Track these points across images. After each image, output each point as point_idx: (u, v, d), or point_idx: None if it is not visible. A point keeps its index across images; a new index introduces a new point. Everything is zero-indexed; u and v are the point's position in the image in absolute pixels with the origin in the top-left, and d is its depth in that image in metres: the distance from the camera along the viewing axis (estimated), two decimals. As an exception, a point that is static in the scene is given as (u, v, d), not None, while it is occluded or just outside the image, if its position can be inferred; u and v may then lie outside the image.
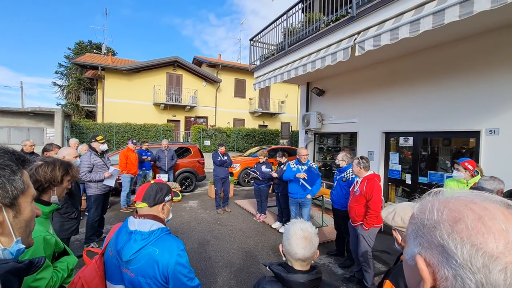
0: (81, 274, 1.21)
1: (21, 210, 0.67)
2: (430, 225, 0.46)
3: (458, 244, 0.42)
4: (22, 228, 0.68)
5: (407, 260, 0.52)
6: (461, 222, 0.43)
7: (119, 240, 1.24)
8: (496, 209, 0.43)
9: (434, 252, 0.45)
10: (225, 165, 6.31)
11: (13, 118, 10.92)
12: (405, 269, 0.55)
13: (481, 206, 0.44)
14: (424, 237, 0.47)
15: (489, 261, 0.39)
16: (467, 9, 2.78)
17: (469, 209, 0.44)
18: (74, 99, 21.42)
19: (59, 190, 1.55)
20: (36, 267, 0.67)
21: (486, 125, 3.90)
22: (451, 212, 0.45)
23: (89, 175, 4.14)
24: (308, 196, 4.44)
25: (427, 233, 0.47)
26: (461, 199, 0.47)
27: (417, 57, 4.82)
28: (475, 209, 0.44)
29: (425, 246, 0.47)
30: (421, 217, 0.49)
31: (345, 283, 3.42)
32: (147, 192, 1.31)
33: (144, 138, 14.28)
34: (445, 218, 0.45)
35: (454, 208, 0.46)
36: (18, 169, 0.67)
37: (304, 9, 5.96)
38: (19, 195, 0.66)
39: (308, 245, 1.18)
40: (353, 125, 6.21)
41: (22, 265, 0.62)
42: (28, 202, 0.69)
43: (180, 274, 1.16)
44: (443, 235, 0.44)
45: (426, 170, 4.88)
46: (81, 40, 24.63)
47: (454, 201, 0.47)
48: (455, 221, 0.44)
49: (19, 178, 0.66)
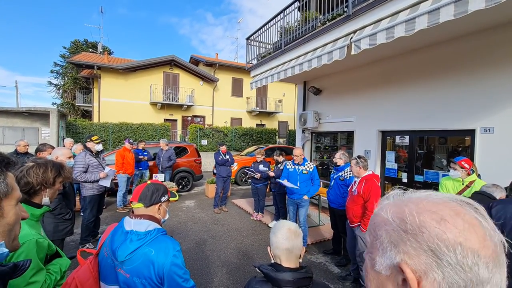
0: (75, 274, 1.20)
1: (4, 214, 0.66)
2: (414, 230, 0.44)
3: (450, 245, 0.41)
4: (5, 232, 0.67)
5: (379, 270, 0.48)
6: (444, 221, 0.43)
7: (114, 240, 1.23)
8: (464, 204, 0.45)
9: (422, 258, 0.43)
10: (227, 164, 6.31)
11: (8, 118, 10.80)
12: (372, 279, 0.50)
13: (453, 204, 0.45)
14: (408, 243, 0.44)
15: (477, 259, 0.40)
16: (461, 8, 2.80)
17: (445, 207, 0.44)
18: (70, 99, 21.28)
19: (51, 192, 1.52)
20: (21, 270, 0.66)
21: (481, 123, 3.93)
22: (431, 213, 0.44)
23: (84, 175, 4.10)
24: (305, 197, 4.34)
25: (411, 239, 0.44)
26: (430, 199, 0.47)
27: (412, 56, 4.84)
28: (450, 206, 0.44)
29: (411, 253, 0.44)
30: (399, 223, 0.46)
31: (341, 282, 3.43)
32: (143, 192, 1.31)
33: (141, 137, 14.19)
34: (428, 220, 0.44)
35: (431, 209, 0.45)
36: (1, 172, 0.66)
37: (300, 8, 5.95)
38: (2, 199, 0.65)
39: (292, 235, 1.23)
40: (350, 124, 6.22)
41: (6, 268, 0.62)
42: (11, 206, 0.68)
43: (176, 275, 1.16)
44: (431, 238, 0.42)
45: (422, 169, 4.91)
46: (76, 39, 24.44)
47: (426, 202, 0.46)
48: (438, 222, 0.43)
49: (1, 181, 0.65)
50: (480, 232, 0.42)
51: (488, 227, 0.43)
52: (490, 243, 0.41)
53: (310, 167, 4.44)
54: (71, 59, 16.92)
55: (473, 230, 0.42)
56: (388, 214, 0.48)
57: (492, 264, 0.40)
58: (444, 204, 0.45)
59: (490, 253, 0.41)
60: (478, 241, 0.41)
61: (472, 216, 0.43)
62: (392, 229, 0.47)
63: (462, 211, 0.44)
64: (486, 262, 0.40)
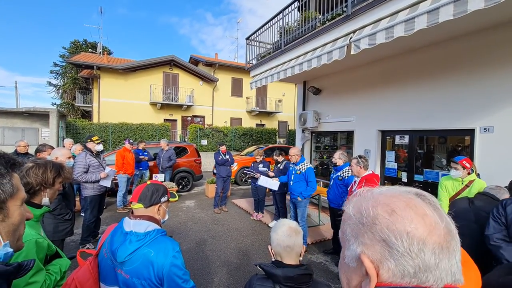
0: (75, 275, 1.20)
1: (10, 214, 0.66)
2: (369, 222, 0.48)
3: (397, 235, 0.45)
4: (10, 232, 0.67)
5: (348, 263, 0.52)
6: (394, 213, 0.46)
7: (114, 241, 1.23)
8: (414, 197, 0.49)
9: (377, 247, 0.47)
10: (227, 164, 6.31)
11: (7, 118, 10.79)
12: (344, 272, 0.54)
13: (405, 196, 0.49)
14: (365, 235, 0.48)
15: (423, 246, 0.44)
16: (461, 8, 2.80)
17: (397, 199, 0.48)
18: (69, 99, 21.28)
19: (51, 192, 1.53)
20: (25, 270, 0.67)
21: (480, 123, 3.93)
22: (383, 206, 0.48)
23: (85, 175, 4.10)
24: (298, 198, 4.31)
25: (367, 231, 0.48)
26: (387, 193, 0.51)
27: (412, 56, 4.84)
28: (401, 198, 0.48)
29: (368, 244, 0.48)
30: (358, 217, 0.50)
31: (342, 281, 3.44)
32: (143, 193, 1.31)
33: (141, 137, 14.19)
34: (380, 213, 0.47)
35: (384, 201, 0.49)
36: (7, 172, 0.66)
37: (300, 8, 5.96)
38: (8, 199, 0.65)
39: (293, 233, 1.26)
40: (349, 123, 6.23)
41: (11, 268, 0.62)
42: (17, 206, 0.69)
43: (175, 275, 1.16)
44: (382, 229, 0.46)
45: (422, 168, 4.91)
46: (76, 39, 24.44)
47: (382, 196, 0.50)
48: (389, 213, 0.47)
49: (7, 182, 0.65)
50: (428, 221, 0.45)
51: (437, 216, 0.46)
52: (439, 231, 0.45)
53: (303, 168, 4.37)
54: (70, 59, 16.91)
55: (421, 219, 0.45)
56: (350, 210, 0.53)
57: (438, 250, 0.44)
58: (397, 197, 0.49)
59: (438, 240, 0.44)
60: (426, 229, 0.44)
61: (420, 206, 0.47)
62: (353, 222, 0.51)
63: (413, 203, 0.47)
64: (432, 248, 0.44)
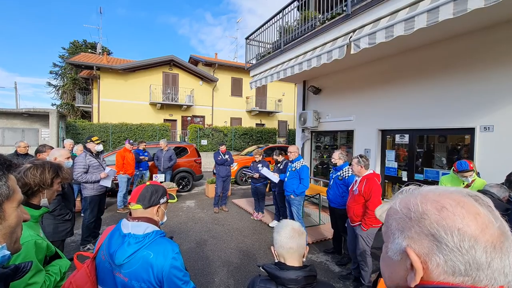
0: (73, 279, 1.19)
1: (6, 216, 0.66)
2: (417, 217, 0.49)
3: (447, 230, 0.45)
4: (7, 235, 0.67)
5: (391, 256, 0.53)
6: (444, 209, 0.47)
7: (112, 243, 1.22)
8: (466, 196, 0.49)
9: (424, 241, 0.48)
10: (226, 163, 6.29)
11: (7, 119, 10.79)
12: (387, 265, 0.56)
13: (456, 195, 0.50)
14: (412, 229, 0.49)
15: (474, 243, 0.44)
16: (461, 6, 2.79)
17: (447, 198, 0.49)
18: (69, 99, 21.27)
19: (49, 193, 1.52)
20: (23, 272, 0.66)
21: (480, 122, 3.93)
22: (433, 202, 0.49)
23: (85, 176, 4.10)
24: (291, 196, 4.36)
25: (415, 225, 0.49)
26: (437, 191, 0.51)
27: (412, 55, 4.83)
28: (452, 197, 0.49)
29: (415, 238, 0.49)
30: (406, 212, 0.52)
31: (342, 281, 3.43)
32: (142, 193, 1.29)
33: (141, 138, 14.19)
34: (429, 208, 0.48)
35: (434, 198, 0.50)
36: (3, 174, 0.65)
37: (299, 7, 5.95)
38: (4, 201, 0.65)
39: (296, 234, 1.24)
40: (349, 123, 6.22)
41: (7, 270, 0.61)
42: (13, 208, 0.68)
43: (175, 277, 1.15)
44: (432, 223, 0.47)
45: (422, 167, 4.91)
46: (75, 40, 24.40)
47: (432, 194, 0.51)
48: (439, 210, 0.47)
49: (3, 184, 0.65)
50: (480, 220, 0.45)
51: (490, 217, 0.46)
52: (492, 231, 0.45)
53: (298, 165, 4.42)
54: (70, 60, 16.91)
55: (472, 217, 0.45)
56: (397, 205, 0.54)
57: (491, 249, 0.44)
58: (447, 195, 0.50)
59: (491, 239, 0.44)
60: (478, 227, 0.44)
61: (473, 205, 0.47)
62: (400, 217, 0.53)
63: (464, 201, 0.48)
64: (484, 246, 0.44)
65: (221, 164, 6.27)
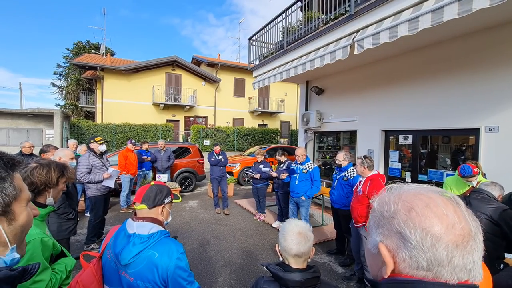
0: (79, 278, 1.20)
1: (16, 217, 0.65)
2: (389, 215, 0.54)
3: (412, 230, 0.50)
4: (17, 235, 0.66)
5: (370, 249, 0.59)
6: (412, 210, 0.51)
7: (117, 243, 1.22)
8: (438, 197, 0.53)
9: (393, 238, 0.53)
10: (219, 164, 6.21)
11: (12, 119, 10.88)
12: (368, 257, 0.62)
13: (427, 196, 0.53)
14: (385, 226, 0.55)
15: (436, 241, 0.48)
16: (466, 6, 2.77)
17: (418, 199, 0.53)
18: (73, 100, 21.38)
19: (55, 192, 1.54)
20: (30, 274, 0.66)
21: (485, 122, 3.90)
22: (404, 203, 0.53)
23: (88, 176, 4.12)
24: (302, 197, 4.39)
25: (387, 223, 0.54)
26: (411, 191, 0.56)
27: (415, 55, 4.81)
28: (423, 198, 0.53)
29: (386, 234, 0.54)
30: (381, 210, 0.56)
31: (346, 282, 3.42)
32: (147, 193, 1.29)
33: (144, 138, 14.25)
34: (400, 209, 0.53)
35: (406, 199, 0.54)
36: (7, 175, 0.63)
37: (302, 8, 5.94)
38: (12, 202, 0.63)
39: (303, 240, 1.21)
40: (352, 123, 6.20)
41: (15, 272, 0.61)
42: (22, 207, 0.67)
43: (180, 278, 1.15)
44: (400, 223, 0.52)
45: (426, 168, 4.88)
46: (79, 41, 24.57)
47: (406, 194, 0.55)
48: (408, 210, 0.52)
49: (9, 185, 0.63)
50: (446, 221, 0.49)
51: (456, 218, 0.50)
52: (456, 231, 0.48)
53: (310, 167, 4.47)
54: (74, 60, 17.02)
55: (438, 219, 0.49)
56: (375, 203, 0.60)
57: (452, 248, 0.48)
58: (419, 196, 0.54)
59: (454, 239, 0.48)
60: (442, 228, 0.48)
61: (442, 207, 0.51)
62: (376, 215, 0.58)
63: (434, 202, 0.52)
64: (446, 245, 0.48)
65: (215, 165, 6.22)
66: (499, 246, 2.14)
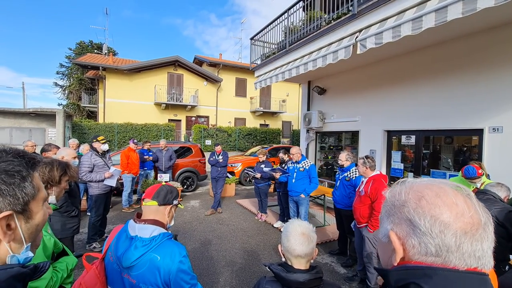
0: (82, 280, 1.19)
1: (33, 215, 0.66)
2: (399, 204, 0.56)
3: (421, 216, 0.52)
4: (33, 233, 0.67)
5: (381, 238, 0.61)
6: (422, 199, 0.53)
7: (119, 246, 1.22)
8: (448, 188, 0.54)
9: (403, 226, 0.55)
10: (217, 165, 6.17)
11: (15, 118, 10.94)
12: (379, 247, 0.65)
13: (438, 186, 0.55)
14: (395, 215, 0.57)
15: (444, 228, 0.50)
16: (470, 6, 2.75)
17: (429, 189, 0.55)
18: (75, 99, 21.48)
19: (57, 190, 1.54)
20: (41, 271, 0.67)
21: (489, 122, 3.87)
22: (415, 192, 0.55)
23: (90, 175, 4.14)
24: (302, 195, 4.42)
25: (397, 211, 0.56)
26: (422, 183, 0.57)
27: (419, 55, 4.78)
28: (433, 188, 0.55)
29: (396, 222, 0.56)
30: (392, 200, 0.59)
31: (348, 282, 3.40)
32: (158, 191, 1.31)
33: (146, 138, 14.28)
34: (410, 198, 0.55)
35: (417, 189, 0.56)
36: (28, 174, 0.64)
37: (305, 8, 5.93)
38: (30, 201, 0.64)
39: (306, 241, 1.19)
40: (354, 123, 6.18)
41: (27, 270, 0.61)
42: (39, 206, 0.68)
43: (182, 281, 1.15)
44: (409, 210, 0.54)
45: (428, 169, 4.85)
46: (82, 40, 24.65)
47: (417, 185, 0.57)
48: (418, 199, 0.54)
49: (29, 184, 0.64)
50: (455, 209, 0.50)
51: (465, 207, 0.51)
52: (466, 219, 0.50)
53: (306, 165, 4.52)
54: (76, 60, 17.08)
55: (448, 208, 0.51)
56: (387, 194, 0.62)
57: (461, 234, 0.49)
58: (430, 186, 0.55)
59: (462, 226, 0.49)
60: (451, 215, 0.50)
61: (452, 197, 0.52)
62: (387, 204, 0.61)
63: (444, 192, 0.53)
64: (454, 232, 0.49)
65: (213, 165, 6.22)
66: (504, 247, 2.12)
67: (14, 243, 0.62)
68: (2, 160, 0.61)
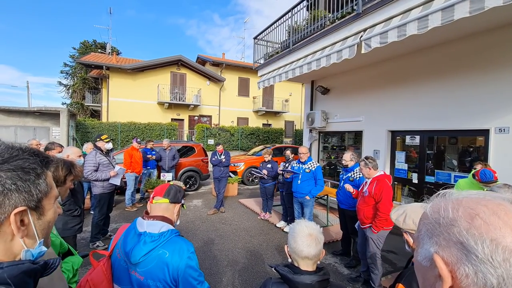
0: (89, 277, 1.20)
1: (45, 212, 0.68)
2: (447, 223, 0.47)
3: (478, 240, 0.42)
4: (45, 229, 0.69)
5: (421, 261, 0.51)
6: (477, 218, 0.44)
7: (127, 242, 1.22)
8: (508, 204, 0.45)
9: (452, 249, 0.45)
10: (220, 164, 6.16)
11: (20, 117, 11.02)
12: (418, 271, 0.54)
13: (494, 203, 0.45)
14: (441, 235, 0.47)
15: (510, 255, 0.40)
16: (478, 5, 2.72)
17: (483, 206, 0.45)
18: (79, 99, 21.60)
19: (62, 190, 1.54)
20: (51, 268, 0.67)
21: (495, 123, 3.83)
22: (466, 209, 0.45)
23: (95, 174, 4.15)
24: (307, 197, 4.38)
25: (444, 232, 0.47)
26: (472, 197, 0.48)
27: (424, 55, 4.74)
28: (489, 205, 0.45)
29: (443, 244, 0.46)
30: (435, 217, 0.49)
31: (351, 283, 3.39)
32: (168, 189, 1.34)
33: (149, 137, 14.32)
34: (461, 215, 0.45)
35: (468, 205, 0.46)
36: (43, 172, 0.67)
37: (308, 7, 5.90)
38: (43, 198, 0.66)
39: (313, 243, 1.18)
40: (358, 123, 6.14)
41: (38, 266, 0.62)
42: (51, 204, 0.70)
43: (191, 277, 1.15)
44: (461, 231, 0.44)
45: (433, 169, 4.81)
46: (85, 40, 24.83)
47: (467, 199, 0.47)
48: (471, 218, 0.44)
49: (43, 181, 0.66)
50: None
51: None
52: None
53: (312, 166, 4.47)
54: (80, 59, 17.17)
55: (509, 229, 0.41)
56: (428, 209, 0.52)
57: None
58: (484, 202, 0.46)
59: None
60: None
61: None
62: (429, 222, 0.50)
63: (503, 210, 0.44)
64: None
65: (216, 165, 6.20)
66: None
67: (27, 238, 0.64)
68: (18, 158, 0.63)
